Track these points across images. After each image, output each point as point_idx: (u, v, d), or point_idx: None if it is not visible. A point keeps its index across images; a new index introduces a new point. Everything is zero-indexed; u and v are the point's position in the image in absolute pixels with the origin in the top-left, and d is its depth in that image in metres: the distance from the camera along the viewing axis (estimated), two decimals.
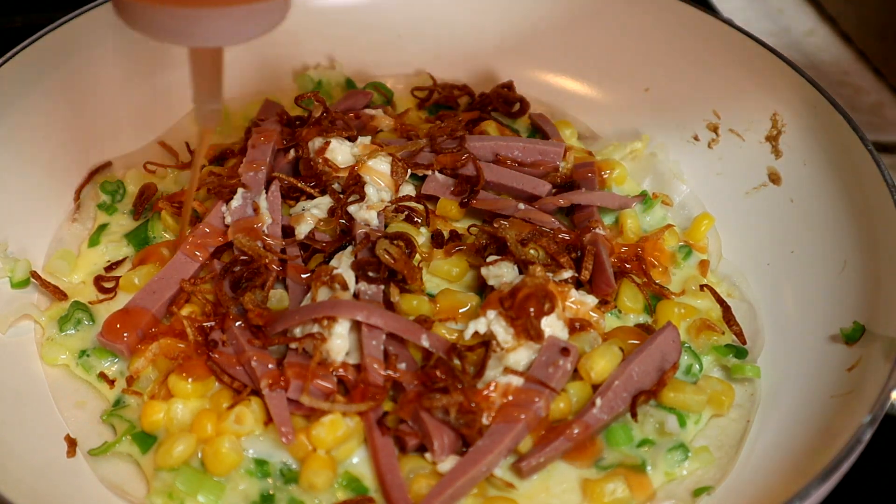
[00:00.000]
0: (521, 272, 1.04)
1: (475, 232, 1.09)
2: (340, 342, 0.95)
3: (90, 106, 1.22)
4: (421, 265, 1.06)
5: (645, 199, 1.20)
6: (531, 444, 0.94)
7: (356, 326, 0.96)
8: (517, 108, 1.31)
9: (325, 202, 1.10)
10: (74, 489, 0.93)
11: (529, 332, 0.96)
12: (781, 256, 1.15)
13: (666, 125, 1.29)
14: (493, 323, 0.97)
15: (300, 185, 1.12)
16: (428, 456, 0.93)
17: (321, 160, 1.13)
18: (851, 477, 0.88)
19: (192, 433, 0.93)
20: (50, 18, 1.19)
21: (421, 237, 1.10)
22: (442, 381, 0.93)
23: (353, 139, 1.16)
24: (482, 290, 1.05)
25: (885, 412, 0.88)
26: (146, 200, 1.17)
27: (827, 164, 1.14)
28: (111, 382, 1.01)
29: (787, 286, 1.12)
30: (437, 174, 1.14)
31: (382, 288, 1.01)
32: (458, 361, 0.96)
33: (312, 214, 1.08)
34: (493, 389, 0.95)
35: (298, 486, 0.92)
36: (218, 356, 0.97)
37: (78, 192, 1.19)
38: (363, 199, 1.08)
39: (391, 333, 0.97)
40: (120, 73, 1.25)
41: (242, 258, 1.04)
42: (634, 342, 1.02)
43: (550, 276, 1.03)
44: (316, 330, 0.95)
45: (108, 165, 1.22)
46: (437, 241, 1.10)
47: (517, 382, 0.95)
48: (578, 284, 1.06)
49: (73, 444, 0.97)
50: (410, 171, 1.14)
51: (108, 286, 1.08)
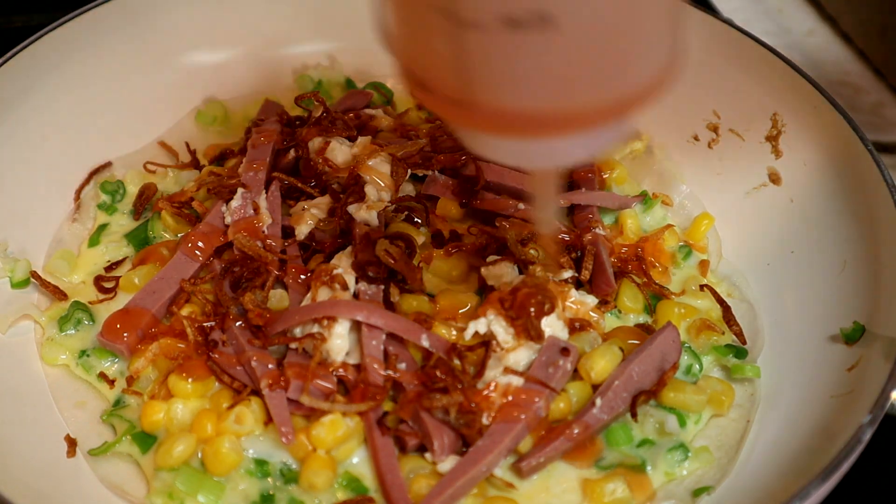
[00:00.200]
0: (521, 272, 1.04)
1: (475, 232, 1.09)
2: (340, 342, 0.95)
3: (90, 106, 1.22)
4: (421, 265, 1.06)
5: (645, 199, 1.20)
6: (531, 444, 0.94)
7: (356, 326, 0.96)
8: None
9: (325, 202, 1.10)
10: (74, 489, 0.93)
11: (529, 332, 0.96)
12: (781, 256, 1.14)
13: (666, 125, 1.28)
14: (493, 323, 0.97)
15: (300, 185, 1.12)
16: (428, 456, 0.93)
17: (321, 160, 1.13)
18: (851, 477, 0.87)
19: (192, 433, 0.93)
20: (50, 18, 1.19)
21: (421, 237, 1.10)
22: (442, 381, 0.93)
23: (353, 139, 1.16)
24: (482, 290, 1.05)
25: (885, 412, 0.87)
26: (146, 200, 1.17)
27: (827, 164, 1.14)
28: (111, 382, 1.01)
29: (787, 286, 1.12)
30: (437, 174, 1.14)
31: (382, 288, 1.01)
32: (458, 361, 0.96)
33: (312, 214, 1.08)
34: (493, 389, 0.95)
35: (298, 486, 0.92)
36: (218, 356, 0.97)
37: (78, 192, 1.19)
38: (363, 199, 1.08)
39: (391, 333, 0.97)
40: (120, 73, 1.25)
41: (242, 258, 1.04)
42: (634, 342, 1.02)
43: (550, 276, 1.03)
44: (316, 330, 0.95)
45: (108, 165, 1.22)
46: (437, 241, 1.10)
47: (517, 382, 0.95)
48: (578, 284, 1.06)
49: (73, 444, 0.96)
50: (410, 171, 1.14)
51: (108, 286, 1.08)
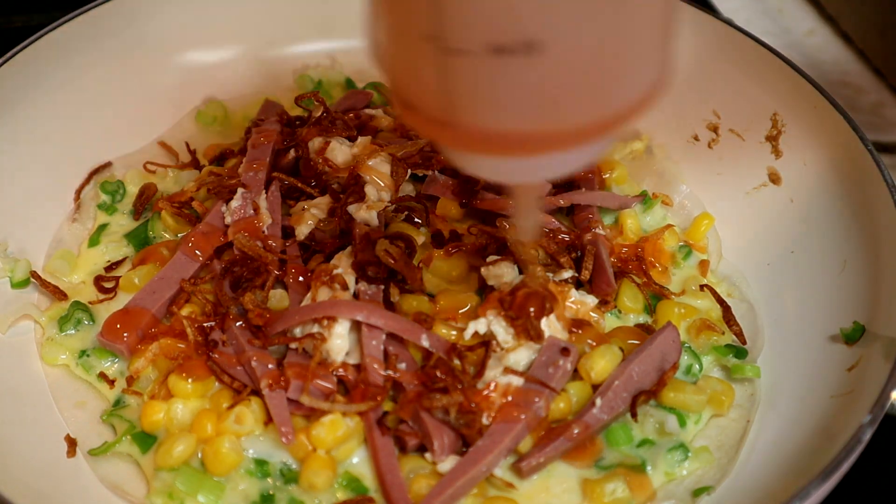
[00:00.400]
0: (521, 272, 1.04)
1: (475, 232, 1.09)
2: (340, 342, 0.95)
3: (90, 106, 1.22)
4: (421, 265, 1.06)
5: (645, 199, 1.19)
6: (531, 444, 0.94)
7: (356, 326, 0.96)
8: None
9: (325, 202, 1.10)
10: (74, 489, 0.93)
11: (529, 332, 0.96)
12: (781, 256, 1.14)
13: (666, 125, 1.29)
14: (493, 323, 0.97)
15: (300, 185, 1.11)
16: (428, 456, 0.93)
17: (321, 160, 1.13)
18: (851, 477, 0.87)
19: (192, 433, 0.93)
20: (50, 18, 1.19)
21: (421, 237, 1.10)
22: (442, 381, 0.93)
23: (353, 139, 1.16)
24: (482, 290, 1.05)
25: (885, 412, 0.87)
26: (146, 200, 1.17)
27: (827, 164, 1.14)
28: (111, 382, 1.01)
29: (787, 286, 1.12)
30: (437, 174, 1.14)
31: (382, 288, 1.01)
32: (458, 361, 0.96)
33: (312, 214, 1.08)
34: (493, 389, 0.95)
35: (298, 486, 0.92)
36: (218, 356, 0.97)
37: (78, 192, 1.19)
38: (363, 199, 1.08)
39: (391, 333, 0.97)
40: (120, 73, 1.25)
41: (242, 258, 1.04)
42: (634, 342, 1.02)
43: (550, 276, 1.03)
44: (316, 330, 0.95)
45: (108, 165, 1.22)
46: (437, 241, 1.10)
47: (517, 382, 0.95)
48: (578, 284, 1.06)
49: (73, 444, 0.96)
50: (410, 171, 1.14)
51: (108, 286, 1.08)
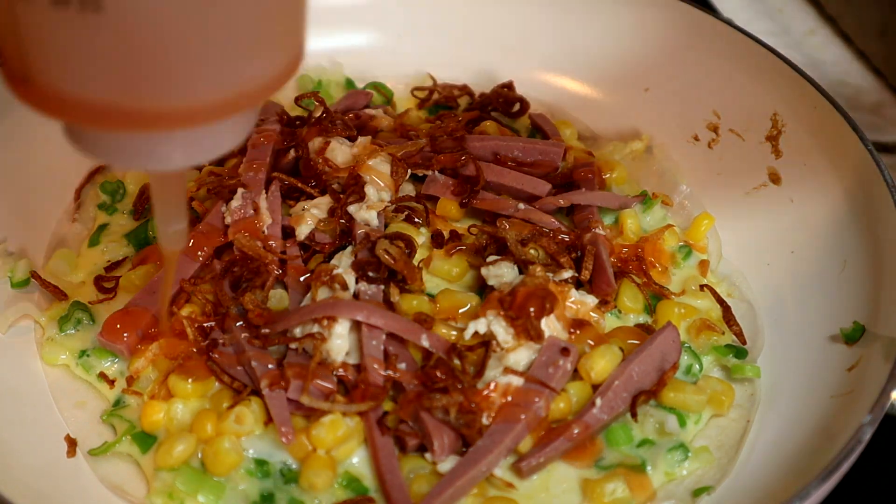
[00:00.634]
0: (521, 272, 1.04)
1: (475, 232, 1.09)
2: (340, 342, 0.95)
3: None
4: (421, 265, 1.06)
5: (645, 199, 1.19)
6: (531, 444, 0.94)
7: (356, 326, 0.96)
8: (517, 108, 1.30)
9: (325, 202, 1.10)
10: (74, 489, 0.93)
11: (529, 332, 0.96)
12: (781, 256, 1.14)
13: (666, 125, 1.29)
14: (493, 323, 0.97)
15: (300, 185, 1.11)
16: (428, 456, 0.93)
17: (321, 160, 1.12)
18: (851, 477, 0.88)
19: (192, 433, 0.93)
20: None
21: (421, 237, 1.10)
22: (442, 381, 0.93)
23: (353, 139, 1.16)
24: (482, 290, 1.05)
25: (885, 412, 0.87)
26: (146, 200, 1.17)
27: (827, 164, 1.14)
28: (111, 382, 1.01)
29: (787, 286, 1.12)
30: (437, 174, 1.14)
31: (382, 288, 1.01)
32: (458, 361, 0.96)
33: (312, 214, 1.08)
34: (493, 389, 0.95)
35: (298, 486, 0.92)
36: (218, 356, 0.97)
37: (78, 191, 1.19)
38: (363, 199, 1.08)
39: (391, 333, 0.97)
40: None
41: (242, 258, 1.04)
42: (634, 342, 1.02)
43: (550, 276, 1.03)
44: (316, 330, 0.95)
45: (108, 165, 1.22)
46: (437, 241, 1.09)
47: (517, 382, 0.95)
48: (578, 284, 1.06)
49: (73, 444, 0.96)
50: (410, 171, 1.14)
51: (108, 286, 1.08)
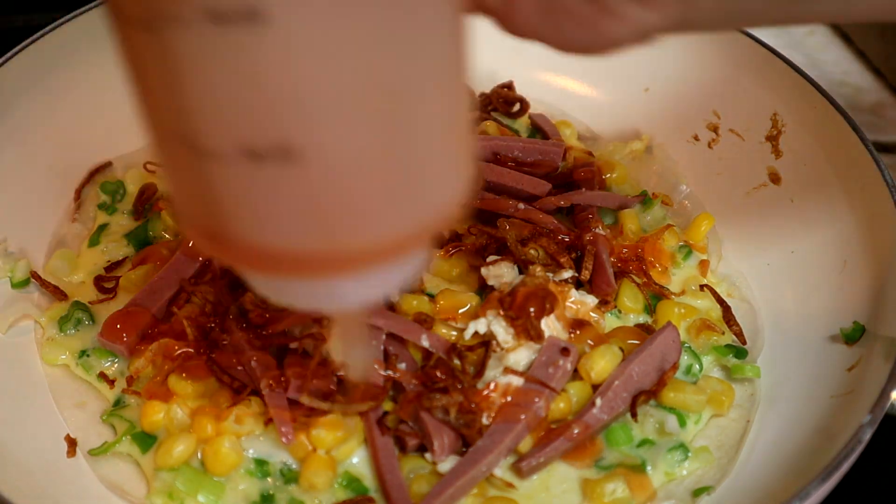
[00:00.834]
0: (521, 272, 1.04)
1: (475, 232, 1.09)
2: None
3: (90, 106, 1.22)
4: None
5: (645, 199, 1.19)
6: (531, 444, 0.94)
7: None
8: (517, 108, 1.30)
9: None
10: (74, 489, 0.93)
11: (529, 332, 0.96)
12: (781, 256, 1.14)
13: (666, 125, 1.29)
14: (493, 323, 0.97)
15: None
16: (428, 456, 0.93)
17: None
18: (851, 477, 0.87)
19: (192, 433, 0.93)
20: (50, 18, 1.19)
21: None
22: (442, 381, 0.93)
23: None
24: (482, 290, 1.05)
25: (885, 412, 0.87)
26: (146, 200, 1.17)
27: (827, 164, 1.14)
28: (111, 382, 1.01)
29: (787, 286, 1.12)
30: None
31: None
32: (458, 361, 0.96)
33: None
34: (493, 389, 0.95)
35: (298, 486, 0.92)
36: (218, 356, 0.97)
37: (78, 191, 1.19)
38: None
39: (391, 333, 0.97)
40: (120, 72, 1.25)
41: None
42: (634, 342, 1.02)
43: (550, 276, 1.03)
44: (316, 330, 0.95)
45: (108, 165, 1.22)
46: (436, 241, 1.09)
47: (517, 382, 0.95)
48: (578, 284, 1.05)
49: (73, 444, 0.96)
50: None
51: (108, 286, 1.08)
